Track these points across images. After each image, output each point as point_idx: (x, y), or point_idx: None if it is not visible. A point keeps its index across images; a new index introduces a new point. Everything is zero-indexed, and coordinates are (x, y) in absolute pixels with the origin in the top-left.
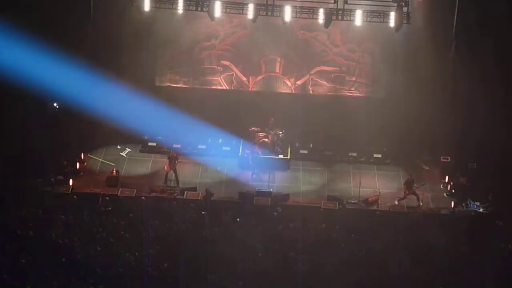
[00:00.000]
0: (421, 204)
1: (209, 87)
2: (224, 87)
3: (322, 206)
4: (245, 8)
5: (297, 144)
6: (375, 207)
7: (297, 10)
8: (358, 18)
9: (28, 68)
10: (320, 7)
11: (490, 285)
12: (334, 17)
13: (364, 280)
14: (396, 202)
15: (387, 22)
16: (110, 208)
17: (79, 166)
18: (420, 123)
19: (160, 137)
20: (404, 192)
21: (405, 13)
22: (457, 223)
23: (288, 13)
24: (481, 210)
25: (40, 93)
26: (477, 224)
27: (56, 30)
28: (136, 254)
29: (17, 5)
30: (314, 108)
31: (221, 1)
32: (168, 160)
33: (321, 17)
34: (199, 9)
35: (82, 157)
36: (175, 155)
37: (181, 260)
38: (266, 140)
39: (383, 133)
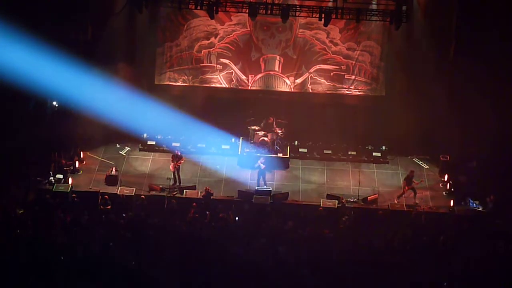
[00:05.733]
0: (417, 201)
1: (208, 86)
2: (224, 86)
3: (321, 205)
4: (244, 7)
5: (296, 143)
6: (374, 205)
7: (297, 8)
8: (358, 16)
9: (28, 67)
10: (320, 6)
11: (489, 285)
12: (334, 16)
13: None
14: (396, 201)
15: (387, 21)
16: (109, 207)
17: (79, 165)
18: (420, 122)
19: (159, 136)
20: (403, 188)
21: (405, 12)
22: (457, 222)
23: (287, 11)
24: (480, 209)
25: (40, 91)
26: (477, 223)
27: (56, 29)
28: (135, 253)
29: (16, 5)
30: (313, 107)
31: None
32: (172, 160)
33: (320, 16)
34: (198, 7)
35: (82, 156)
36: (178, 154)
37: (180, 260)
38: (265, 139)
39: (383, 131)
